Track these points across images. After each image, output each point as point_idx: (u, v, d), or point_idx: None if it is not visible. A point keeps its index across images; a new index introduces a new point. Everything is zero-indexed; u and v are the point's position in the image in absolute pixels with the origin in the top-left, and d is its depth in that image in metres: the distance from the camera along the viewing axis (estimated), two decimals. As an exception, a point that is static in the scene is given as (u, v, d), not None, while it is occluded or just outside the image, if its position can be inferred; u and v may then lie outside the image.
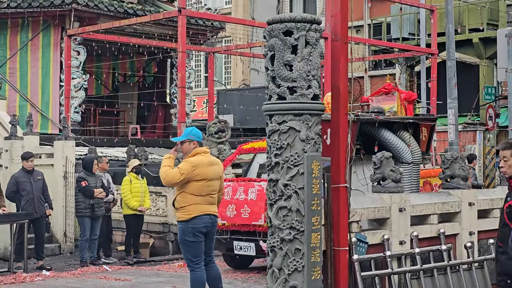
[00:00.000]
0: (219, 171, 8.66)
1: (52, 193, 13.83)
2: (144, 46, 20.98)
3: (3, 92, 18.89)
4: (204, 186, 8.42)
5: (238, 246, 11.67)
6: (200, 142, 8.72)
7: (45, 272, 12.42)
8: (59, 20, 19.85)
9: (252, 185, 11.70)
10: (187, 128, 9.22)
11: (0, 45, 20.46)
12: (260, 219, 11.35)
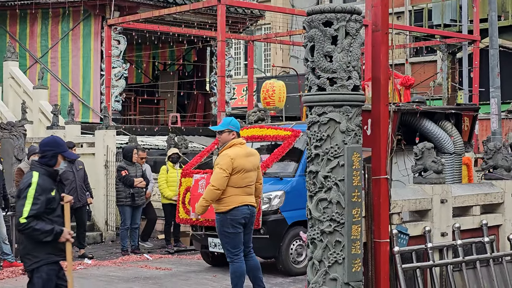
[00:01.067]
0: (256, 161, 8.72)
1: (93, 182, 13.97)
2: (184, 35, 21.02)
3: (45, 82, 19.09)
4: (241, 178, 8.51)
5: (213, 243, 11.10)
6: (238, 133, 8.75)
7: (87, 260, 12.56)
8: (100, 10, 19.97)
9: None
10: (226, 117, 9.28)
11: (42, 35, 20.65)
12: None
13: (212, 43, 22.05)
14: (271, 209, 10.93)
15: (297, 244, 11.09)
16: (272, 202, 10.94)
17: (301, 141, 11.40)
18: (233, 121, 8.81)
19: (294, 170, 11.36)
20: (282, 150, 11.26)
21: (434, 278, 7.33)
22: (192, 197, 11.41)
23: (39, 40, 20.63)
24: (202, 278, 10.87)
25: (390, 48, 6.81)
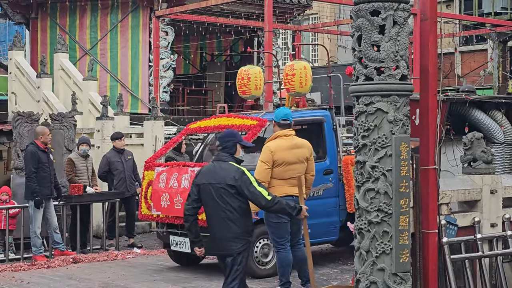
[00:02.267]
0: (303, 153, 8.75)
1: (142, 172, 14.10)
2: (231, 26, 21.05)
3: (94, 73, 19.31)
4: (284, 170, 8.62)
5: (174, 241, 10.57)
6: (283, 124, 8.83)
7: (136, 249, 12.71)
8: (148, 1, 20.10)
9: (186, 171, 10.38)
10: (278, 108, 9.75)
11: (91, 27, 20.88)
12: None
13: (259, 34, 22.03)
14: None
15: (263, 244, 10.15)
16: None
17: (270, 131, 10.21)
18: (276, 111, 8.99)
19: None
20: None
21: (484, 269, 7.27)
22: (154, 192, 10.73)
23: (88, 32, 20.85)
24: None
25: (438, 37, 6.76)
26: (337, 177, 10.96)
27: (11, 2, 21.06)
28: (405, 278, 5.99)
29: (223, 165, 6.99)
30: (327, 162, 10.88)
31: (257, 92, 12.12)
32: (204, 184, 6.95)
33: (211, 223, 6.99)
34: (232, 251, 6.90)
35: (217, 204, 6.89)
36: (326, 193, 10.75)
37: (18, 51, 19.21)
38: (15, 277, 10.61)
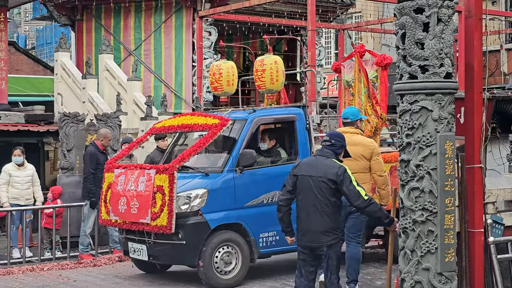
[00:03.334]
0: (357, 151, 8.82)
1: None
2: (274, 25, 21.06)
3: (139, 74, 19.47)
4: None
5: (132, 248, 10.08)
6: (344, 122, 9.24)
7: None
8: (191, 2, 20.20)
9: (143, 173, 9.83)
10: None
11: (135, 28, 21.05)
12: (147, 216, 9.55)
13: (302, 33, 22.01)
14: (190, 210, 9.56)
15: (224, 252, 9.69)
16: (192, 202, 9.58)
17: (235, 130, 10.16)
18: (344, 110, 9.47)
19: (223, 165, 9.98)
20: (204, 141, 9.80)
21: (531, 269, 7.17)
22: (112, 195, 10.22)
23: (132, 33, 21.03)
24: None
25: (484, 34, 6.68)
26: None
27: (57, 5, 21.35)
28: (450, 278, 5.94)
29: (325, 160, 7.31)
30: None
31: (230, 89, 11.53)
32: (304, 176, 7.25)
33: (304, 214, 7.25)
34: (323, 243, 7.18)
35: (314, 196, 7.17)
36: None
37: (64, 53, 19.46)
38: (62, 275, 10.76)
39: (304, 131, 10.52)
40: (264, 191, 10.06)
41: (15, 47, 30.97)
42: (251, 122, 10.21)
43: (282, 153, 10.58)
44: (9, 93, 20.49)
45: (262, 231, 10.04)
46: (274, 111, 10.86)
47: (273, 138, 10.72)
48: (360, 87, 10.87)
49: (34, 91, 27.03)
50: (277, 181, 9.74)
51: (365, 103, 10.72)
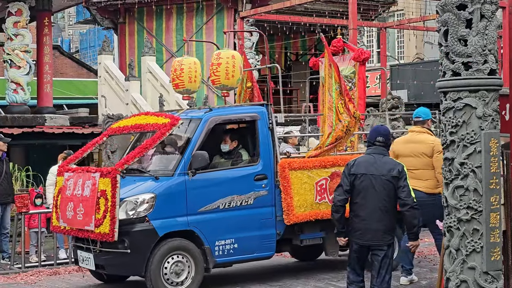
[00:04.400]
0: (418, 148, 9.15)
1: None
2: (315, 24, 21.01)
3: (181, 75, 19.56)
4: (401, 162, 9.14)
5: (81, 257, 9.43)
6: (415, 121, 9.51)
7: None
8: (232, 3, 20.28)
9: (89, 177, 9.14)
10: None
11: (177, 30, 21.19)
12: (91, 222, 8.89)
13: (344, 32, 21.93)
14: (136, 217, 8.92)
15: (175, 261, 9.07)
16: (138, 208, 8.95)
17: (190, 130, 9.55)
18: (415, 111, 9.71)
19: (174, 167, 9.30)
20: (151, 142, 9.18)
21: None
22: (62, 200, 9.56)
23: (174, 35, 21.18)
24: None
25: (528, 29, 6.58)
26: (273, 183, 9.72)
27: (100, 8, 21.60)
28: (496, 277, 5.86)
29: (383, 158, 7.38)
30: (260, 166, 9.72)
31: (192, 86, 10.76)
32: (364, 175, 7.28)
33: (365, 213, 7.27)
34: (383, 242, 7.26)
35: (377, 194, 7.22)
36: (258, 202, 9.59)
37: (107, 56, 19.66)
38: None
39: (267, 131, 9.85)
40: (220, 195, 9.36)
41: (60, 51, 31.41)
42: (206, 121, 9.52)
43: (243, 154, 9.96)
44: (54, 96, 20.77)
45: (218, 238, 9.33)
46: (233, 110, 10.17)
47: (234, 139, 10.06)
48: (330, 83, 10.16)
49: (78, 93, 27.39)
50: (236, 185, 9.51)
51: (336, 101, 10.06)
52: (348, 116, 9.97)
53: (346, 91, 10.11)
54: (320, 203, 9.86)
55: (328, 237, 9.98)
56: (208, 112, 9.73)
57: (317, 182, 9.87)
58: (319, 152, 10.14)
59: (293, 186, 9.69)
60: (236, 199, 9.45)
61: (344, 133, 10.02)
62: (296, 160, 9.88)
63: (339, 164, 9.95)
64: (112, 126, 10.62)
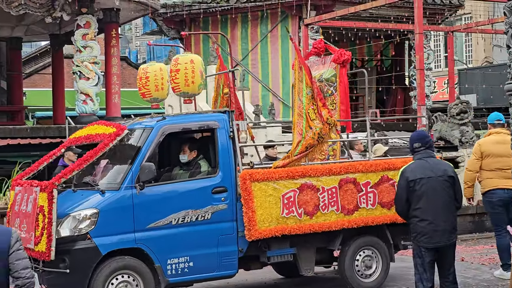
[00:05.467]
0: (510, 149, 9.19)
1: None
2: (381, 30, 20.85)
3: (247, 83, 19.65)
4: (491, 162, 9.74)
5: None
6: (497, 124, 9.99)
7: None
8: (296, 10, 20.27)
9: (31, 192, 8.62)
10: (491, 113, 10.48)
11: (242, 38, 21.28)
12: (32, 240, 8.37)
13: (410, 36, 21.70)
14: (78, 234, 8.36)
15: (120, 281, 8.48)
16: (79, 225, 8.38)
17: (141, 140, 8.91)
18: (492, 116, 10.25)
19: (121, 180, 8.65)
20: (92, 154, 8.63)
21: None
22: (12, 216, 9.13)
23: (239, 44, 21.28)
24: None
25: None
26: (234, 196, 9.06)
27: (166, 19, 21.87)
28: None
29: (435, 160, 7.61)
30: (219, 178, 9.05)
31: (160, 94, 10.19)
32: (422, 178, 7.40)
33: (430, 216, 7.35)
34: (452, 241, 7.46)
35: (441, 195, 7.37)
36: (216, 217, 8.93)
37: (173, 65, 19.82)
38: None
39: (227, 140, 9.20)
40: (173, 210, 8.70)
41: (127, 62, 31.92)
42: (158, 131, 8.91)
43: (203, 165, 9.29)
44: (122, 106, 21.07)
45: (171, 256, 8.70)
46: (189, 118, 9.55)
47: (194, 149, 9.44)
48: (301, 87, 9.37)
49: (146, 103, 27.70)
50: (191, 198, 8.87)
51: (307, 106, 9.26)
52: (320, 122, 9.24)
53: (319, 96, 9.39)
54: (288, 217, 9.08)
55: (300, 253, 9.48)
56: (160, 121, 9.13)
57: (284, 195, 9.07)
58: (288, 162, 9.32)
59: (256, 199, 8.94)
60: (191, 214, 8.80)
61: (316, 141, 9.26)
62: (260, 171, 9.10)
63: (309, 174, 9.23)
64: (71, 137, 10.03)
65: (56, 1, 17.13)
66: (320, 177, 9.31)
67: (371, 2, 18.22)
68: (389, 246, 10.00)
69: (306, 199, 9.20)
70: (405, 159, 9.76)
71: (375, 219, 9.63)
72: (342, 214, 9.41)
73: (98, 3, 17.89)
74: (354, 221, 9.49)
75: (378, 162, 9.82)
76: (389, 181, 9.65)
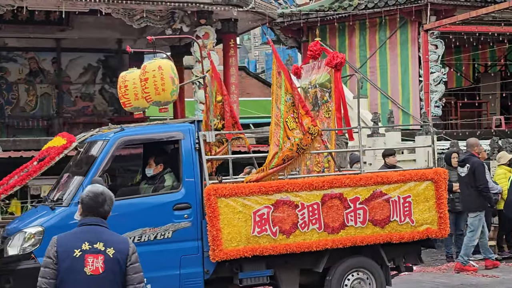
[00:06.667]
0: None
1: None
2: (504, 34, 20.17)
3: (365, 91, 19.46)
4: None
5: None
6: None
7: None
8: (416, 16, 19.89)
9: None
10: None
11: (360, 46, 21.10)
12: None
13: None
14: (22, 253, 7.89)
15: None
16: (24, 243, 7.87)
17: (97, 153, 8.33)
18: None
19: (70, 196, 8.09)
20: (38, 168, 8.09)
21: None
22: None
23: (357, 51, 21.10)
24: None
25: None
26: (199, 213, 8.37)
27: (283, 28, 21.97)
28: None
29: None
30: (181, 193, 8.41)
31: (140, 103, 9.43)
32: None
33: None
34: None
35: None
36: (178, 235, 8.27)
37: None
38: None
39: (192, 152, 8.52)
40: (128, 228, 8.03)
41: (246, 72, 32.23)
42: (113, 143, 8.33)
43: (167, 180, 8.69)
44: (240, 115, 21.28)
45: None
46: (151, 129, 8.91)
47: (160, 162, 8.87)
48: (279, 93, 8.49)
49: (264, 112, 27.92)
50: (149, 215, 8.22)
51: (285, 114, 8.38)
52: (300, 132, 8.36)
53: (301, 103, 8.53)
54: (260, 236, 8.26)
55: (281, 275, 8.67)
56: (118, 132, 8.55)
57: (256, 212, 8.25)
58: (262, 176, 8.43)
59: (222, 216, 8.15)
60: (149, 232, 8.17)
61: (295, 152, 8.36)
62: (227, 186, 8.26)
63: (286, 189, 8.38)
64: (43, 147, 9.52)
65: (175, 13, 17.48)
66: (299, 192, 8.42)
67: (494, 6, 17.70)
68: (385, 268, 9.05)
69: (282, 217, 8.34)
70: (400, 172, 9.03)
71: (365, 238, 8.66)
72: (325, 233, 8.50)
73: (217, 14, 18.14)
74: (339, 240, 8.55)
75: (369, 175, 8.86)
76: (382, 197, 8.74)
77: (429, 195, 9.02)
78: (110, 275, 4.82)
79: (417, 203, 8.95)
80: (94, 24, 19.49)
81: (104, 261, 4.82)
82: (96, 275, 4.79)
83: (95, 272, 4.81)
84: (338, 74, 9.39)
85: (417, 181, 9.04)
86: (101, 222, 5.01)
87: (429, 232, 9.05)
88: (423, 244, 9.42)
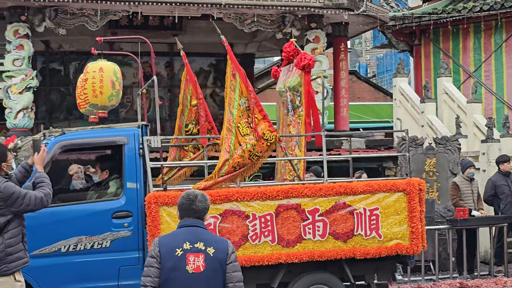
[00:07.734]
0: None
1: None
2: None
3: (479, 96, 18.95)
4: None
5: None
6: None
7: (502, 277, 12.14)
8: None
9: None
10: None
11: (475, 49, 20.57)
12: None
13: None
14: None
15: None
16: None
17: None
18: None
19: None
20: None
21: None
22: None
23: (471, 55, 20.59)
24: None
25: None
26: (141, 222, 8.04)
27: (395, 31, 21.69)
28: None
29: None
30: (122, 200, 8.08)
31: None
32: None
33: None
34: None
35: None
36: (117, 245, 7.95)
37: (402, 78, 19.59)
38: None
39: (135, 158, 8.20)
40: (62, 236, 7.79)
41: (356, 76, 32.05)
42: (52, 147, 8.04)
43: (111, 186, 8.33)
44: (350, 120, 21.12)
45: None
46: (93, 133, 8.54)
47: (106, 168, 8.52)
48: (232, 97, 8.03)
49: (374, 117, 27.69)
50: (85, 223, 7.92)
51: (238, 119, 7.94)
52: (254, 138, 7.94)
53: (258, 107, 8.06)
54: None
55: None
56: (57, 136, 8.28)
57: None
58: (211, 184, 8.01)
59: (163, 225, 7.73)
60: (85, 241, 7.89)
61: (248, 159, 7.96)
62: (170, 194, 7.83)
63: (235, 199, 7.95)
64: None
65: (286, 17, 17.51)
66: (250, 202, 7.99)
67: None
68: (350, 286, 8.45)
69: (231, 228, 7.95)
70: (367, 182, 8.37)
71: (324, 253, 8.13)
72: (279, 246, 8.03)
73: (327, 18, 18.06)
74: (295, 254, 8.05)
75: (330, 185, 8.27)
76: (346, 208, 8.20)
77: (400, 207, 8.33)
78: (211, 273, 4.98)
79: (386, 216, 8.31)
80: (206, 28, 19.76)
81: (205, 260, 4.99)
82: (198, 273, 4.96)
83: (197, 270, 4.98)
84: (308, 77, 8.86)
85: (386, 192, 8.34)
86: (199, 224, 5.17)
87: (399, 248, 8.32)
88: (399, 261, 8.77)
